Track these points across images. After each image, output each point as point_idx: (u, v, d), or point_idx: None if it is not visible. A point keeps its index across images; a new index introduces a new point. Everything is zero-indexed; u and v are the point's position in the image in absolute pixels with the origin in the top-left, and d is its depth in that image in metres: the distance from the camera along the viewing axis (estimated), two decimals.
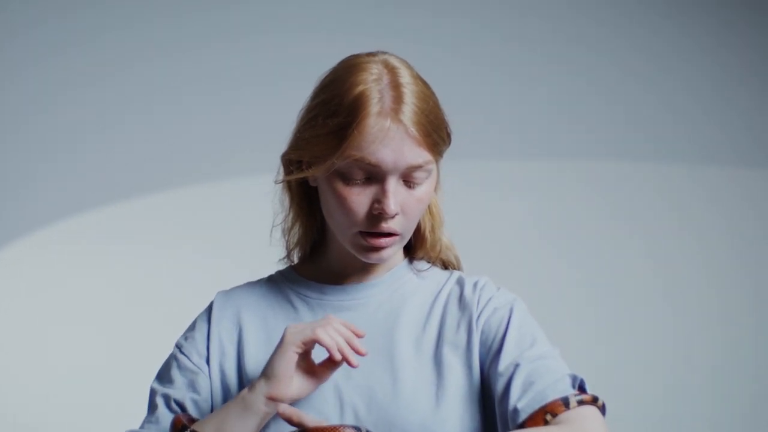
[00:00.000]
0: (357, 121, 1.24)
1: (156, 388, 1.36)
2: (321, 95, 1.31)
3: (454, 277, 1.41)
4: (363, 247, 1.31)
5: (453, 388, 1.30)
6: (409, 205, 1.30)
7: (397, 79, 1.28)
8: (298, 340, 1.23)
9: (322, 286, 1.39)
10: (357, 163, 1.26)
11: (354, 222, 1.29)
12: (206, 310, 1.42)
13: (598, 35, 3.21)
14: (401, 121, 1.25)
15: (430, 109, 1.29)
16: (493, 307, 1.35)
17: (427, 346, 1.33)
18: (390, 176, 1.27)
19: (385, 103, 1.25)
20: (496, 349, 1.31)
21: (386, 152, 1.25)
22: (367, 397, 1.29)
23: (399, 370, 1.31)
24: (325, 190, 1.31)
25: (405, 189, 1.29)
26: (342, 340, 1.23)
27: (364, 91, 1.26)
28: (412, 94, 1.27)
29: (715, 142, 3.21)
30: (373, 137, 1.24)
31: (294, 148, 1.33)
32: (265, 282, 1.44)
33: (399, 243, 1.33)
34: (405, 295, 1.39)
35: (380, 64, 1.30)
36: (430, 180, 1.31)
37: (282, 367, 1.23)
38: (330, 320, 1.25)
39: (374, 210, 1.28)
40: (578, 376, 1.29)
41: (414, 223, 1.33)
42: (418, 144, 1.26)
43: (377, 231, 1.29)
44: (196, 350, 1.37)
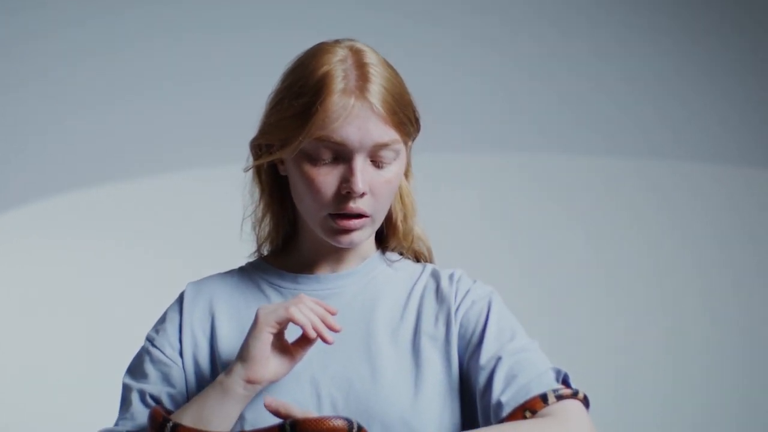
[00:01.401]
0: (321, 100, 1.24)
1: (130, 384, 1.33)
2: (287, 79, 1.31)
3: (429, 270, 1.41)
4: (333, 229, 1.30)
5: (431, 380, 1.29)
6: (378, 186, 1.29)
7: (362, 59, 1.29)
8: (272, 320, 1.22)
9: (295, 275, 1.38)
10: (323, 142, 1.25)
11: (323, 204, 1.28)
12: (177, 301, 1.39)
13: (548, 30, 3.23)
14: (366, 98, 1.25)
15: (395, 88, 1.29)
16: (471, 300, 1.35)
17: (404, 337, 1.32)
18: (357, 154, 1.26)
19: (350, 82, 1.26)
20: (476, 342, 1.30)
21: (351, 130, 1.25)
22: (345, 387, 1.28)
23: (377, 361, 1.29)
24: (293, 174, 1.31)
25: (373, 169, 1.29)
26: (315, 317, 1.22)
27: (329, 71, 1.26)
28: (377, 73, 1.28)
29: (659, 134, 3.25)
30: (337, 115, 1.24)
31: (262, 132, 1.33)
32: (236, 272, 1.42)
33: (370, 226, 1.32)
34: (379, 286, 1.38)
35: (346, 48, 1.30)
36: (398, 161, 1.31)
37: (258, 349, 1.22)
38: (302, 299, 1.24)
39: (342, 189, 1.27)
40: (562, 370, 1.29)
41: (384, 206, 1.32)
42: (384, 122, 1.26)
43: (346, 212, 1.28)
44: (168, 342, 1.34)
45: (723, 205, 3.22)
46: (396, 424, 1.25)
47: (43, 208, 2.94)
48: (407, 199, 1.42)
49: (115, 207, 2.96)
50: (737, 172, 3.22)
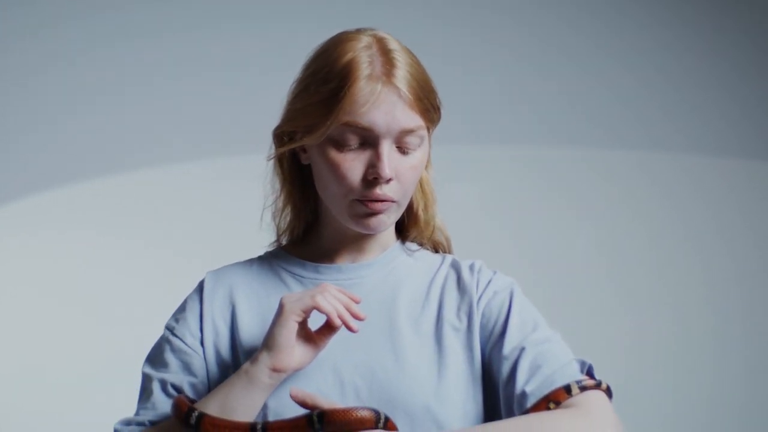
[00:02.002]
0: (348, 85, 1.24)
1: (150, 373, 1.32)
2: (311, 66, 1.31)
3: (448, 260, 1.40)
4: (360, 213, 1.29)
5: (455, 369, 1.29)
6: (403, 172, 1.29)
7: (387, 46, 1.29)
8: (297, 309, 1.21)
9: (316, 265, 1.37)
10: (350, 127, 1.25)
11: (349, 189, 1.28)
12: (196, 290, 1.38)
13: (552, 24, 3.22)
14: (393, 83, 1.25)
15: (420, 75, 1.29)
16: (493, 291, 1.35)
17: (426, 327, 1.32)
18: (383, 140, 1.26)
19: (376, 68, 1.26)
20: (499, 332, 1.30)
21: (378, 115, 1.25)
22: (369, 376, 1.27)
23: (399, 350, 1.29)
24: (318, 161, 1.30)
25: (398, 155, 1.28)
26: (341, 306, 1.22)
27: (355, 57, 1.26)
28: (402, 59, 1.28)
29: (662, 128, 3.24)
30: (364, 100, 1.24)
31: (287, 120, 1.32)
32: (255, 261, 1.41)
33: (395, 211, 1.32)
34: (400, 276, 1.37)
35: (368, 35, 1.30)
36: (422, 148, 1.31)
37: (284, 337, 1.22)
38: (326, 287, 1.24)
39: (369, 175, 1.27)
40: (587, 361, 1.29)
41: (409, 192, 1.32)
42: (410, 107, 1.26)
43: (372, 198, 1.27)
44: (189, 331, 1.33)
45: (726, 198, 3.22)
46: (419, 412, 1.25)
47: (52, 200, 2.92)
48: (427, 188, 1.42)
49: (128, 198, 2.94)
50: (740, 164, 3.22)
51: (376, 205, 1.28)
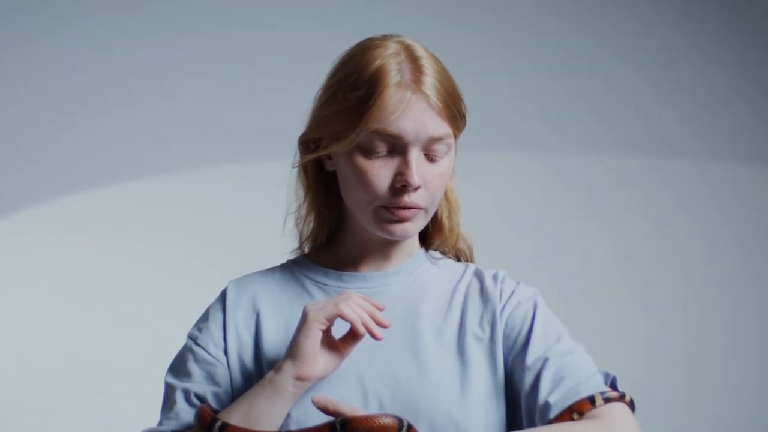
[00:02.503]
0: (378, 93, 1.23)
1: (173, 383, 1.31)
2: (339, 73, 1.30)
3: (471, 269, 1.40)
4: (386, 220, 1.28)
5: (478, 379, 1.28)
6: (431, 180, 1.28)
7: (414, 53, 1.28)
8: (321, 317, 1.21)
9: (339, 273, 1.36)
10: (379, 135, 1.25)
11: (375, 196, 1.27)
12: (219, 299, 1.37)
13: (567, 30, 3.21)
14: (422, 91, 1.25)
15: (448, 82, 1.29)
16: (516, 300, 1.34)
17: (449, 336, 1.31)
18: (412, 147, 1.25)
19: (405, 75, 1.25)
20: (522, 342, 1.30)
21: (408, 122, 1.24)
22: (392, 385, 1.27)
23: (423, 359, 1.28)
24: (344, 168, 1.29)
25: (426, 162, 1.28)
26: (364, 313, 1.22)
27: (384, 64, 1.25)
28: (430, 66, 1.27)
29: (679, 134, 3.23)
30: (394, 108, 1.23)
31: (313, 127, 1.31)
32: (278, 270, 1.41)
33: (423, 218, 1.31)
34: (424, 284, 1.36)
35: (396, 42, 1.30)
36: (450, 155, 1.30)
37: (308, 346, 1.21)
38: (350, 295, 1.23)
39: (397, 183, 1.26)
40: (610, 373, 1.29)
41: (437, 199, 1.31)
42: (439, 115, 1.26)
43: (400, 205, 1.27)
44: (212, 341, 1.33)
45: (742, 204, 3.21)
46: (443, 422, 1.24)
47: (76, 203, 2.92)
48: (451, 195, 1.41)
49: (149, 204, 2.94)
50: (756, 171, 3.21)
51: (403, 212, 1.27)
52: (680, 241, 3.19)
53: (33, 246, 2.90)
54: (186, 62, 2.98)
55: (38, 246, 2.90)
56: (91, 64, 2.93)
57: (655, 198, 3.21)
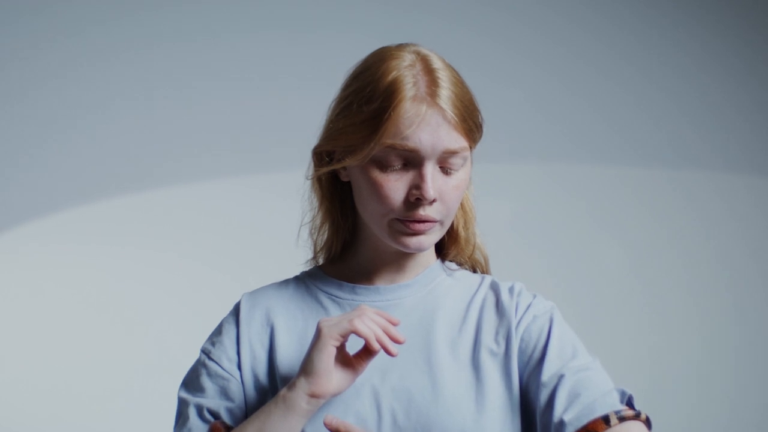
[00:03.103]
0: (393, 106, 1.22)
1: (186, 398, 1.30)
2: (353, 84, 1.28)
3: (487, 282, 1.38)
4: (401, 232, 1.27)
5: (493, 394, 1.27)
6: (447, 193, 1.27)
7: (430, 65, 1.26)
8: (335, 333, 1.19)
9: (353, 285, 1.34)
10: (394, 148, 1.23)
11: (390, 209, 1.25)
12: (232, 312, 1.36)
13: (585, 40, 3.20)
14: (438, 104, 1.23)
15: (464, 94, 1.27)
16: (532, 315, 1.32)
17: (464, 350, 1.29)
18: (427, 161, 1.24)
19: (420, 88, 1.23)
20: (538, 358, 1.28)
21: (423, 136, 1.23)
22: (406, 400, 1.25)
23: (437, 373, 1.27)
24: (358, 180, 1.28)
25: (442, 175, 1.26)
26: (379, 329, 1.20)
27: (399, 76, 1.24)
28: (446, 79, 1.26)
29: (699, 146, 3.21)
30: (409, 121, 1.22)
31: (327, 139, 1.30)
32: (292, 282, 1.39)
33: (438, 231, 1.29)
34: (438, 297, 1.34)
35: (411, 53, 1.28)
36: (465, 168, 1.29)
37: (322, 362, 1.19)
38: (364, 310, 1.21)
39: (411, 196, 1.25)
40: (626, 391, 1.26)
41: (452, 212, 1.29)
42: (454, 128, 1.24)
43: (415, 218, 1.26)
44: (225, 355, 1.31)
45: (759, 217, 3.19)
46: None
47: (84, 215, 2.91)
48: (467, 206, 1.40)
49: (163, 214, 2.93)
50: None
51: (418, 225, 1.26)
52: (696, 253, 3.17)
53: (48, 255, 2.90)
54: (204, 71, 2.98)
55: (53, 255, 2.90)
56: (108, 71, 2.94)
57: (671, 209, 3.18)
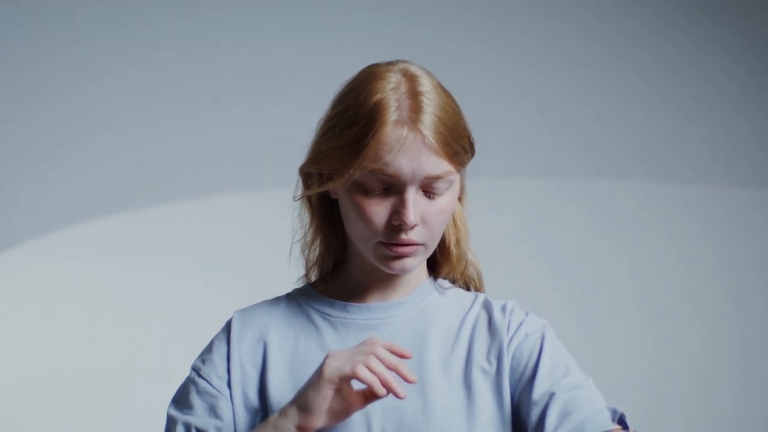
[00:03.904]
0: (373, 131, 1.21)
1: (175, 416, 1.29)
2: (339, 105, 1.27)
3: (480, 300, 1.37)
4: (385, 256, 1.26)
5: (484, 414, 1.26)
6: (430, 216, 1.25)
7: (416, 87, 1.24)
8: (335, 377, 1.17)
9: (345, 303, 1.34)
10: (375, 174, 1.22)
11: (374, 232, 1.25)
12: (224, 329, 1.35)
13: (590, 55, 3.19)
14: (419, 129, 1.21)
15: (449, 117, 1.25)
16: (524, 333, 1.31)
17: (455, 369, 1.29)
18: (409, 186, 1.23)
19: (403, 112, 1.22)
20: (529, 376, 1.27)
21: (404, 162, 1.21)
22: (397, 419, 1.25)
23: (428, 393, 1.26)
24: (344, 202, 1.28)
25: (425, 199, 1.25)
26: (386, 372, 1.17)
27: (382, 99, 1.22)
28: (431, 102, 1.24)
29: (704, 159, 3.20)
30: (390, 147, 1.20)
31: (312, 161, 1.29)
32: (283, 300, 1.39)
33: (423, 253, 1.28)
34: (430, 315, 1.34)
35: (399, 72, 1.26)
36: (451, 190, 1.28)
37: (317, 403, 1.18)
38: (373, 348, 1.18)
39: (394, 221, 1.24)
40: (618, 409, 1.25)
41: (437, 234, 1.28)
42: (436, 153, 1.22)
43: (397, 242, 1.25)
44: (215, 373, 1.31)
45: (763, 228, 3.16)
46: None
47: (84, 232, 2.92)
48: (460, 221, 1.38)
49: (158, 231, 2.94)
50: None
51: (402, 249, 1.25)
52: (702, 266, 3.15)
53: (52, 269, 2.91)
54: (210, 85, 2.98)
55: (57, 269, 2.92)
56: (111, 85, 2.94)
57: (676, 222, 3.16)
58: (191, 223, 2.95)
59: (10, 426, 2.83)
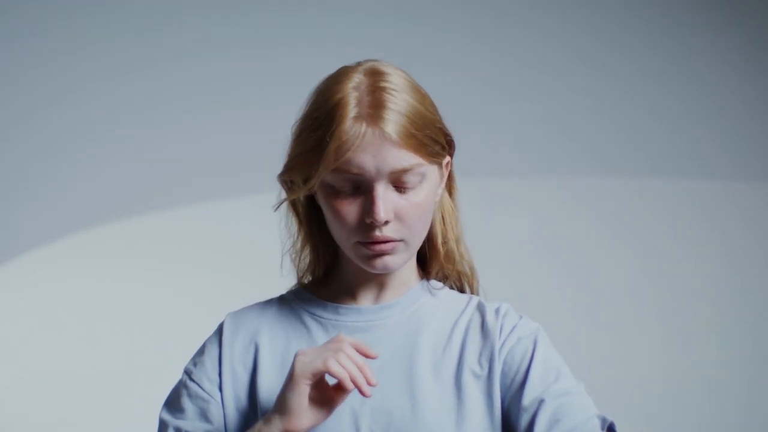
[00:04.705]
0: (333, 130, 1.20)
1: (166, 420, 1.30)
2: (306, 109, 1.28)
3: (474, 302, 1.36)
4: (365, 256, 1.26)
5: (474, 417, 1.26)
6: (404, 211, 1.24)
7: (378, 84, 1.23)
8: (308, 373, 1.17)
9: (337, 306, 1.34)
10: (341, 173, 1.22)
11: (350, 232, 1.25)
12: (216, 332, 1.36)
13: (598, 54, 3.17)
14: (377, 124, 1.20)
15: (414, 110, 1.23)
16: (517, 337, 1.30)
17: (446, 371, 1.28)
18: (376, 183, 1.22)
19: (363, 108, 1.21)
20: (520, 381, 1.26)
21: (366, 158, 1.21)
22: (385, 421, 1.24)
23: (418, 395, 1.26)
24: (323, 205, 1.28)
25: (396, 194, 1.24)
26: (355, 368, 1.18)
27: (342, 98, 1.22)
28: (393, 97, 1.22)
29: (714, 156, 3.17)
30: (349, 144, 1.20)
31: (286, 168, 1.29)
32: (276, 302, 1.39)
33: (404, 251, 1.27)
34: (423, 318, 1.33)
35: (363, 71, 1.26)
36: (426, 183, 1.26)
37: (295, 402, 1.18)
38: (341, 345, 1.19)
39: (366, 219, 1.23)
40: (608, 418, 1.24)
41: (416, 229, 1.27)
42: (399, 147, 1.21)
43: (373, 240, 1.24)
44: (206, 376, 1.31)
45: None
46: None
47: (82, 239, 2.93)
48: (449, 217, 1.37)
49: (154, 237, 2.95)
50: None
51: (380, 246, 1.25)
52: (717, 269, 3.12)
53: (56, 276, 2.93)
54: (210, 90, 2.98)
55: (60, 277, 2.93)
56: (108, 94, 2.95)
57: (690, 222, 3.14)
58: (189, 228, 2.95)
59: (10, 426, 2.84)
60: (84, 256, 2.93)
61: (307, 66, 2.86)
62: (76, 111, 2.94)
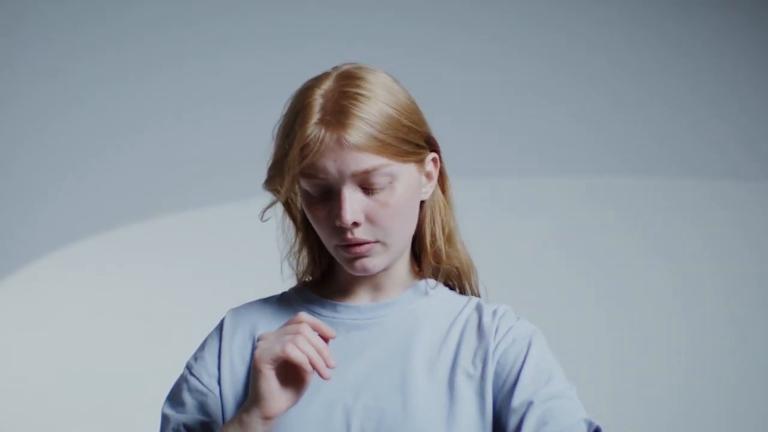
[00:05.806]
0: (296, 136, 1.22)
1: (168, 413, 1.32)
2: (280, 121, 1.29)
3: (473, 303, 1.37)
4: (345, 258, 1.28)
5: (465, 417, 1.27)
6: (374, 212, 1.25)
7: (345, 89, 1.24)
8: (268, 358, 1.18)
9: (335, 303, 1.35)
10: (308, 178, 1.24)
11: (328, 236, 1.27)
12: (217, 328, 1.38)
13: (617, 51, 3.18)
14: (336, 129, 1.21)
15: (380, 113, 1.23)
16: (511, 338, 1.31)
17: (441, 371, 1.30)
18: (342, 186, 1.23)
19: (325, 113, 1.22)
20: (512, 382, 1.27)
21: (327, 162, 1.22)
22: (377, 419, 1.26)
23: (411, 394, 1.27)
24: (305, 211, 1.30)
25: (365, 196, 1.25)
26: (313, 351, 1.18)
27: (307, 104, 1.23)
28: (356, 101, 1.22)
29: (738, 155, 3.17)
30: (310, 148, 1.21)
31: (267, 177, 1.30)
32: (276, 299, 1.41)
33: (382, 253, 1.28)
34: (420, 317, 1.35)
35: (335, 77, 1.27)
36: (398, 183, 1.26)
37: (264, 387, 1.19)
38: (299, 327, 1.19)
39: (336, 222, 1.25)
40: (594, 422, 1.25)
41: (393, 230, 1.27)
42: (358, 149, 1.21)
43: (347, 243, 1.26)
44: (206, 371, 1.33)
45: None
46: None
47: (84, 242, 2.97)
48: (440, 215, 1.37)
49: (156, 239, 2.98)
50: None
51: (356, 249, 1.26)
52: (739, 267, 3.11)
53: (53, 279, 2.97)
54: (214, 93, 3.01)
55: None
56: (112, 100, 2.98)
57: (712, 222, 3.13)
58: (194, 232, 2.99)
59: (10, 426, 2.85)
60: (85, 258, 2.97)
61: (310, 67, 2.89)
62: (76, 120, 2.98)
